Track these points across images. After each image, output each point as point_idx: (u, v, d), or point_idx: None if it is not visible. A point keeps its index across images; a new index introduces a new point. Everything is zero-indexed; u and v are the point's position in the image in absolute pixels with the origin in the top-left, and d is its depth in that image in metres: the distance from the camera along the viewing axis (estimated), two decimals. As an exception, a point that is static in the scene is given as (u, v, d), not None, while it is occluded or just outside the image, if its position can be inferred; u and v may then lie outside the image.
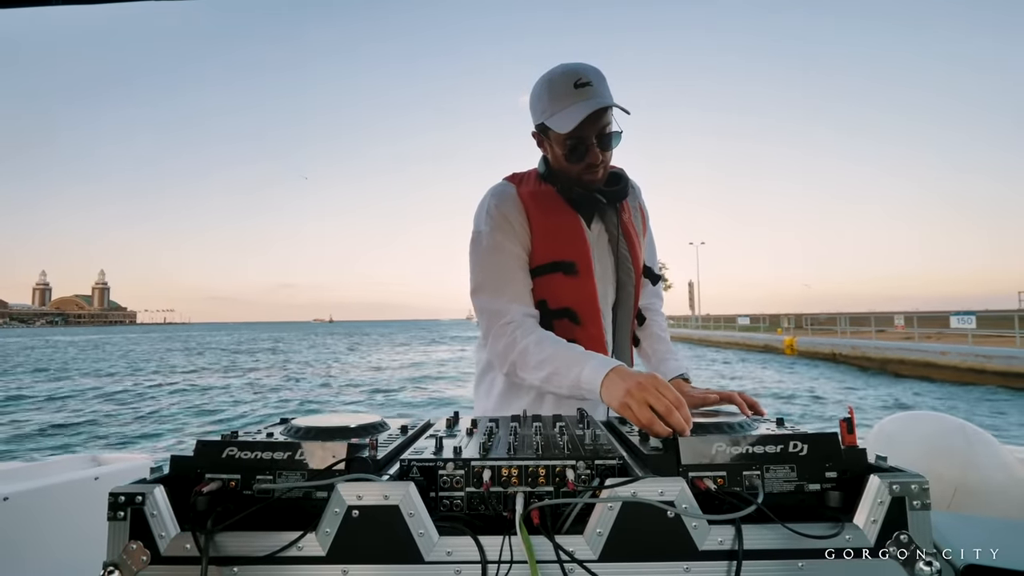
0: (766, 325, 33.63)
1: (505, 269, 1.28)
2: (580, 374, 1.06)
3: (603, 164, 1.27)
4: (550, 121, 1.23)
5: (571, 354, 1.12)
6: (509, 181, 1.38)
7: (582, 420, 0.99)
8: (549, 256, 1.30)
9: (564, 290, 1.30)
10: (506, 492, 0.73)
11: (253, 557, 0.67)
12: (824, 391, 14.26)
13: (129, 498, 0.68)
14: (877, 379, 15.97)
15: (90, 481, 1.57)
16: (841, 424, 0.74)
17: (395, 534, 0.67)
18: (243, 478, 0.72)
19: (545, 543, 0.66)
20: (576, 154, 1.25)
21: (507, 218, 1.30)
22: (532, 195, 1.33)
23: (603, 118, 1.22)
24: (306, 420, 0.90)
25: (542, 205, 1.32)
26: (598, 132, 1.23)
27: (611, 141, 1.26)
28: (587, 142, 1.23)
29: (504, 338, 1.23)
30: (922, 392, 13.48)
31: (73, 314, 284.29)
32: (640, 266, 1.43)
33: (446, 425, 0.99)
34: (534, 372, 1.17)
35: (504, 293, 1.27)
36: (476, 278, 1.31)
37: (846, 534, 0.67)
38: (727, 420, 0.85)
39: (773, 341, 24.40)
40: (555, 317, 1.30)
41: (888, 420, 1.62)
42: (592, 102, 1.18)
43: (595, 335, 1.31)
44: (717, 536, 0.66)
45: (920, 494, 0.67)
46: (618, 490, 0.67)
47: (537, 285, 1.31)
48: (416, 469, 0.73)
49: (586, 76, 1.21)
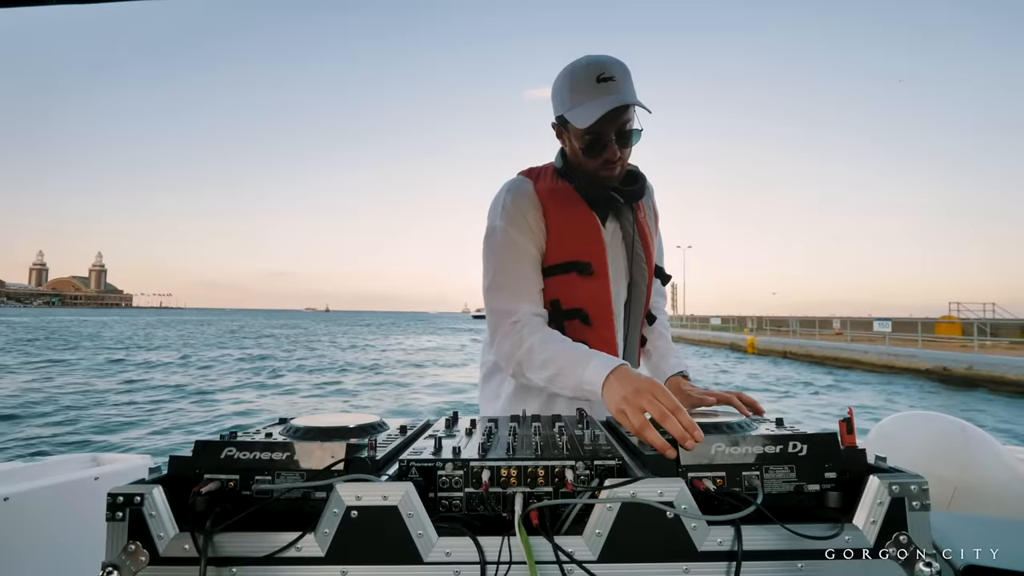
0: (735, 326, 37.49)
1: (518, 268, 1.26)
2: (583, 374, 1.04)
3: (621, 161, 1.25)
4: (570, 114, 1.21)
5: (575, 353, 1.10)
6: (526, 176, 1.35)
7: (581, 420, 0.99)
8: (565, 255, 1.28)
9: (578, 291, 1.28)
10: (505, 493, 0.73)
11: (252, 558, 0.67)
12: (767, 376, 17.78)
13: (128, 499, 0.68)
14: (815, 370, 19.18)
15: (90, 481, 1.56)
16: (840, 424, 0.74)
17: (394, 535, 0.66)
18: (242, 478, 0.72)
19: (544, 544, 0.66)
20: (594, 149, 1.22)
21: (523, 214, 1.27)
22: (549, 191, 1.30)
23: (624, 115, 1.19)
24: (305, 420, 0.90)
25: (559, 202, 1.29)
26: (618, 129, 1.20)
27: (631, 138, 1.23)
28: (606, 138, 1.20)
29: (511, 337, 1.21)
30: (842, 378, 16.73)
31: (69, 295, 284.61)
32: (653, 267, 1.41)
33: (445, 425, 0.99)
34: (539, 372, 1.15)
35: (515, 292, 1.25)
36: (488, 276, 1.28)
37: (845, 535, 0.66)
38: (726, 420, 0.85)
39: (738, 340, 28.00)
40: (567, 318, 1.28)
41: (888, 420, 1.62)
42: (613, 98, 1.16)
43: (607, 337, 1.29)
44: (716, 537, 0.66)
45: (919, 494, 0.67)
46: (617, 491, 0.67)
47: (551, 284, 1.28)
48: (415, 469, 0.73)
49: (610, 71, 1.18)
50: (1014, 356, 15.07)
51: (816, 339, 24.44)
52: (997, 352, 16.59)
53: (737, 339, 28.33)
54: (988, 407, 12.11)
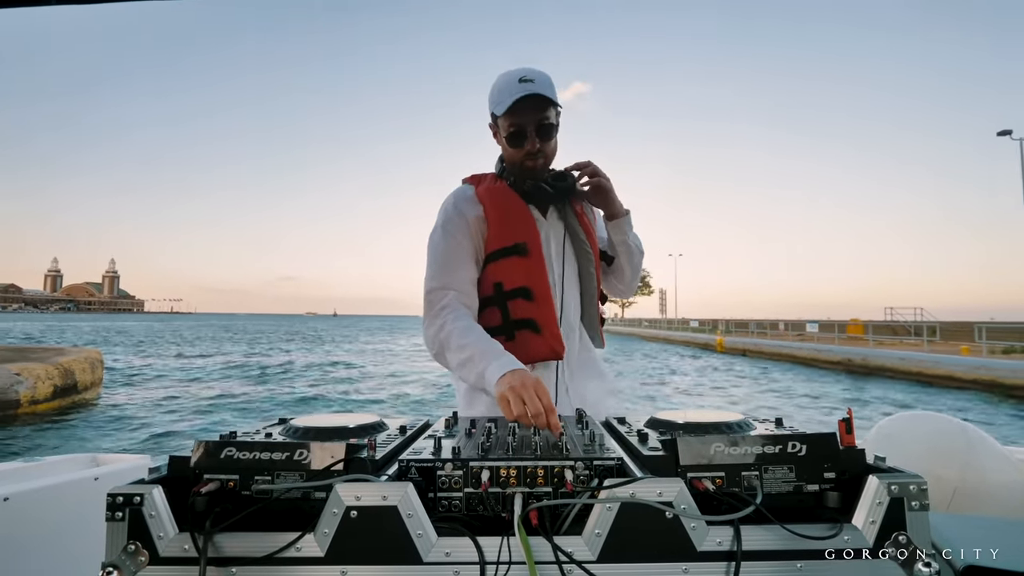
0: (710, 328, 43.34)
1: (449, 259, 1.39)
2: (485, 369, 1.14)
3: (542, 153, 1.39)
4: (496, 108, 1.37)
5: (487, 348, 1.20)
6: (468, 182, 1.51)
7: (580, 420, 0.99)
8: (503, 241, 1.40)
9: (517, 270, 1.40)
10: (504, 493, 0.73)
11: (251, 558, 0.67)
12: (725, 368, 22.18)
13: (127, 499, 0.68)
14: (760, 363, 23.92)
15: (90, 481, 1.56)
16: (840, 424, 0.74)
17: (393, 535, 0.66)
18: (241, 478, 0.72)
19: (544, 544, 0.66)
20: (516, 139, 1.37)
21: (461, 213, 1.41)
22: (488, 191, 1.45)
23: (542, 111, 1.35)
24: (305, 420, 0.90)
25: (496, 198, 1.43)
26: (537, 123, 1.36)
27: (548, 132, 1.37)
28: (526, 129, 1.36)
29: (436, 321, 1.32)
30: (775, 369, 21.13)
31: (83, 301, 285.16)
32: (597, 248, 1.52)
33: (445, 425, 0.99)
34: (454, 355, 1.25)
35: (444, 282, 1.37)
36: (427, 270, 1.41)
37: (845, 535, 0.66)
38: (725, 420, 0.85)
39: (710, 340, 33.61)
40: (510, 297, 1.39)
41: (887, 420, 1.62)
42: (526, 86, 1.32)
43: (546, 311, 1.39)
44: (716, 537, 0.66)
45: (919, 495, 0.67)
46: (616, 491, 0.67)
47: (494, 269, 1.41)
48: (415, 470, 0.73)
49: (531, 75, 1.34)
50: (897, 350, 20.08)
51: (768, 339, 30.24)
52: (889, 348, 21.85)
53: (709, 339, 34.35)
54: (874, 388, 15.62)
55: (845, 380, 17.42)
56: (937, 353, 18.16)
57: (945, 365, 16.19)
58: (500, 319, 1.39)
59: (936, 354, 17.83)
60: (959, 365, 15.84)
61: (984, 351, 18.14)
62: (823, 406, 12.99)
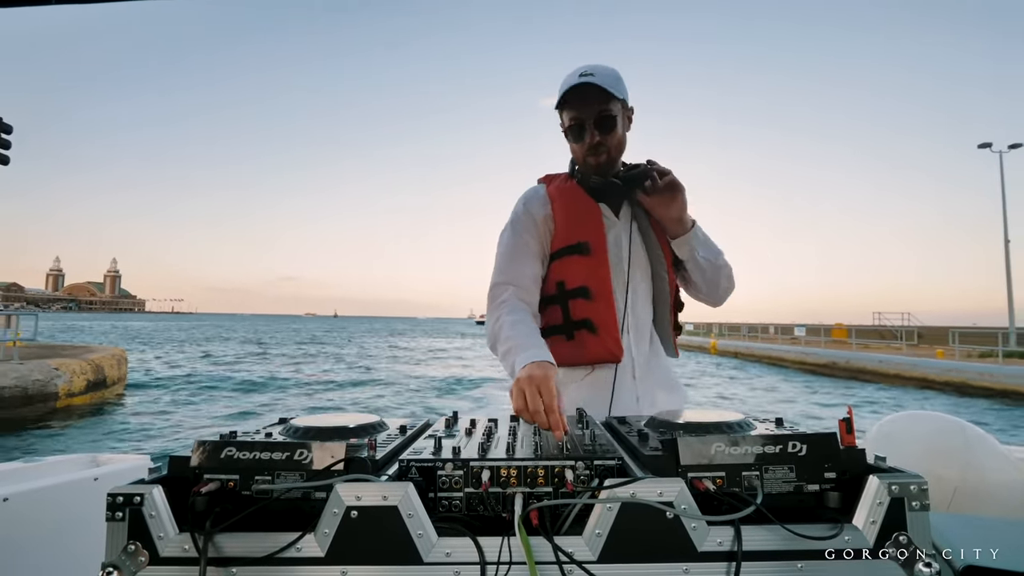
0: (704, 331, 45.14)
1: (513, 256, 1.40)
2: (515, 360, 1.14)
3: (604, 147, 1.37)
4: (557, 103, 1.38)
5: (524, 341, 1.20)
6: (541, 181, 1.52)
7: (581, 420, 0.99)
8: (567, 240, 1.41)
9: (579, 269, 1.39)
10: (505, 493, 0.73)
11: (252, 558, 0.67)
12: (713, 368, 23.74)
13: (127, 499, 0.68)
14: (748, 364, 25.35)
15: (89, 481, 1.56)
16: (840, 424, 0.74)
17: (394, 535, 0.66)
18: (242, 478, 0.72)
19: (544, 544, 0.66)
20: (575, 133, 1.38)
21: (529, 212, 1.43)
22: (558, 189, 1.46)
23: (601, 103, 1.33)
24: (305, 420, 0.90)
25: (565, 197, 1.44)
26: (596, 115, 1.34)
27: (607, 124, 1.35)
28: (585, 123, 1.36)
29: (494, 314, 1.34)
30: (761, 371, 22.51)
31: (85, 300, 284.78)
32: (670, 252, 1.44)
33: (445, 425, 0.99)
34: (501, 346, 1.26)
35: (506, 277, 1.38)
36: (494, 267, 1.43)
37: (845, 535, 0.66)
38: (726, 420, 0.85)
39: (704, 343, 35.52)
40: (571, 296, 1.39)
41: (887, 420, 1.62)
42: (583, 79, 1.31)
43: (606, 311, 1.37)
44: (716, 537, 0.66)
45: (919, 495, 0.67)
46: (617, 491, 0.67)
47: (557, 268, 1.42)
48: (415, 469, 0.73)
49: (593, 70, 1.33)
50: (877, 353, 21.17)
51: (759, 342, 31.83)
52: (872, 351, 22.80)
53: (704, 342, 36.44)
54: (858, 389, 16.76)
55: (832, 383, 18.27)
56: (916, 356, 19.32)
57: (921, 368, 17.30)
58: (561, 318, 1.39)
59: (914, 357, 19.00)
60: (933, 368, 16.95)
61: (957, 355, 19.05)
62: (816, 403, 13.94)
